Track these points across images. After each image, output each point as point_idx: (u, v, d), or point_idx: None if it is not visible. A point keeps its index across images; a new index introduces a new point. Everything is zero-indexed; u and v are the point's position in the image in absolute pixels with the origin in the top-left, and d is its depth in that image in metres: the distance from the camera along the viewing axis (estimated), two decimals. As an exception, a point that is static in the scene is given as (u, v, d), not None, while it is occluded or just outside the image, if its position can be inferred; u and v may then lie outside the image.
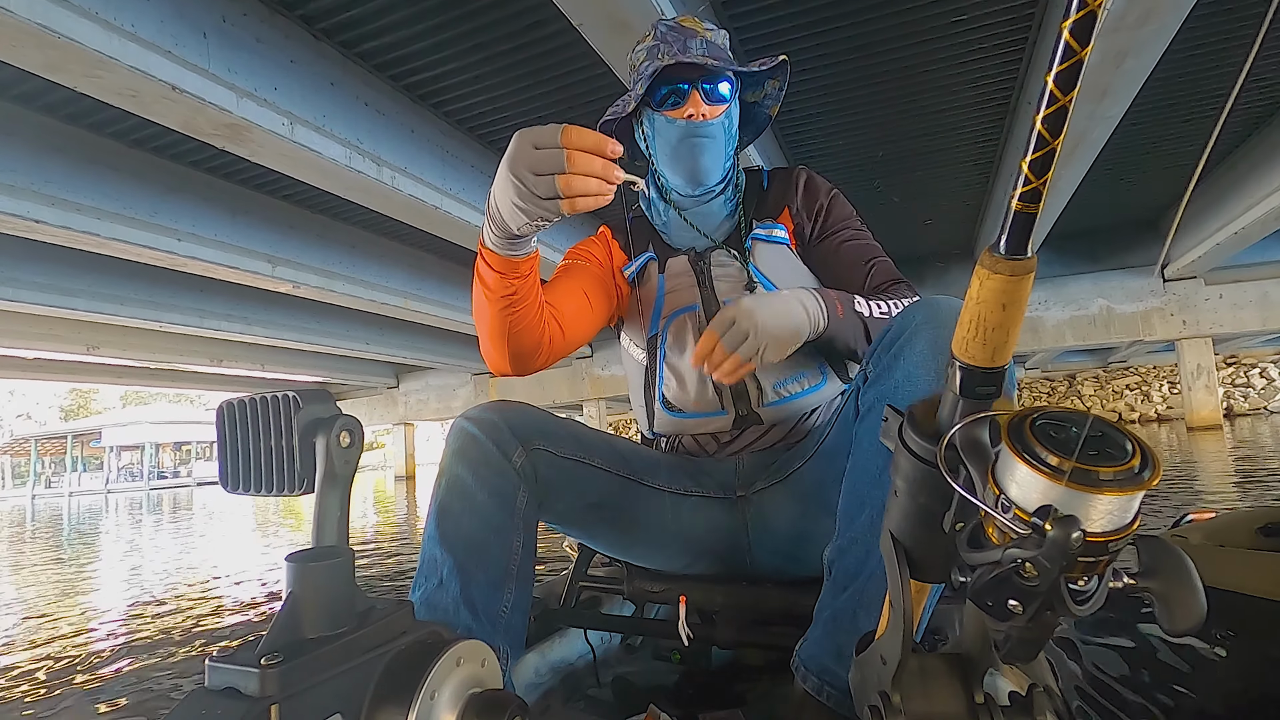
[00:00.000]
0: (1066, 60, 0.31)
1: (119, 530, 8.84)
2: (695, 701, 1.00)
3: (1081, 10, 0.29)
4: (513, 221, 0.71)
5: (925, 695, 0.47)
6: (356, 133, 4.17)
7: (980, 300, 0.38)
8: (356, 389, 17.15)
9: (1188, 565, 0.36)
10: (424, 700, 0.41)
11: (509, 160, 0.67)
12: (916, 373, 0.72)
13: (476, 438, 0.85)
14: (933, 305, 0.75)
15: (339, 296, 7.14)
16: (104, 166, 4.70)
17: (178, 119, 3.35)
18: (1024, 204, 0.35)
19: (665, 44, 0.98)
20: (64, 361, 10.94)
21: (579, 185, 0.65)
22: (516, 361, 0.92)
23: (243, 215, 5.74)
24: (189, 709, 0.36)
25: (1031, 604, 0.35)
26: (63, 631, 2.94)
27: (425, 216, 5.09)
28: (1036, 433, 0.35)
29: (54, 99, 4.06)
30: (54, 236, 4.65)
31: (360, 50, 4.04)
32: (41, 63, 2.79)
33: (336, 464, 0.45)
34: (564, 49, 3.93)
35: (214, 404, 0.50)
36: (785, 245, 1.05)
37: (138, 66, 2.89)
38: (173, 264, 5.54)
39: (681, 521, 0.97)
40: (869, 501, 0.74)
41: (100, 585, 4.32)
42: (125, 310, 7.09)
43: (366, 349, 10.55)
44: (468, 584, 0.79)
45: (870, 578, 0.71)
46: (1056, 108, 0.32)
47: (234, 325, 8.37)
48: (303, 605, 0.41)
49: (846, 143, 5.65)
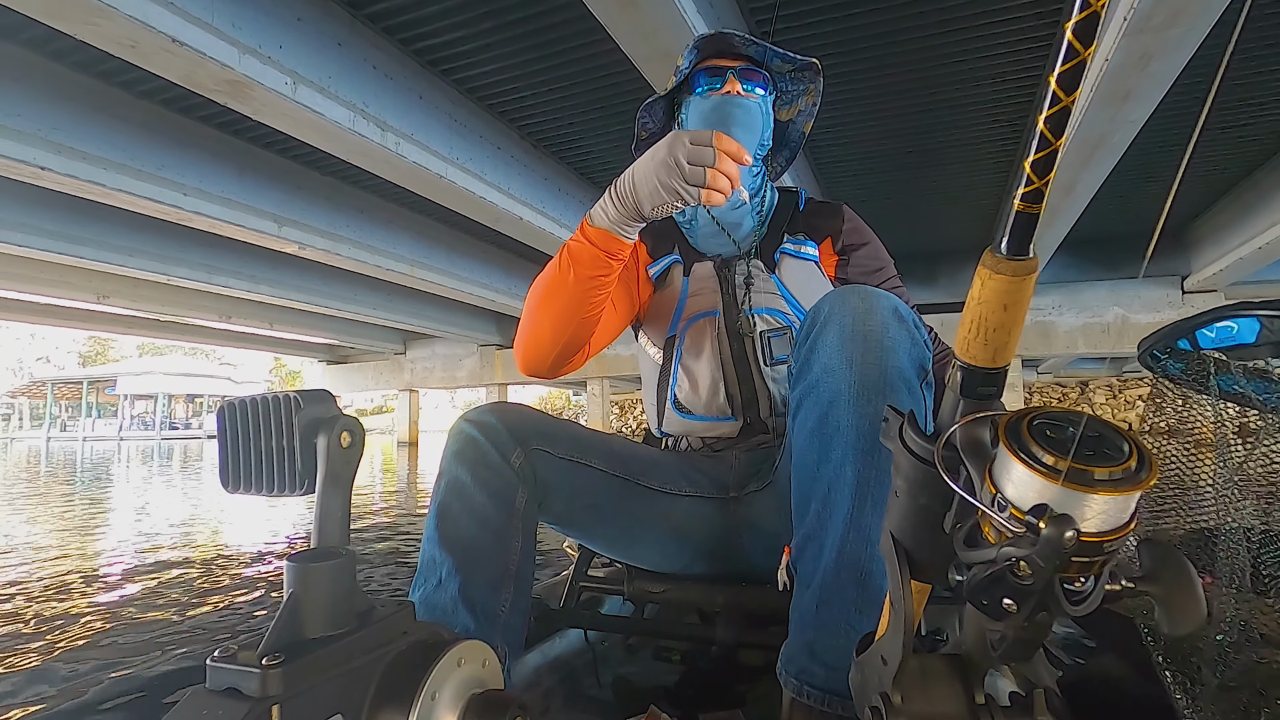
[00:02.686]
0: (1069, 61, 0.30)
1: (129, 480, 9.00)
2: (695, 701, 1.00)
3: (1084, 11, 0.29)
4: (650, 200, 0.80)
5: (926, 696, 0.47)
6: (362, 96, 4.12)
7: (981, 300, 0.38)
8: (364, 353, 17.26)
9: (1188, 568, 0.36)
10: (425, 700, 0.41)
11: (668, 147, 0.78)
12: (832, 363, 0.74)
13: (475, 439, 0.87)
14: (839, 295, 0.77)
15: (345, 260, 7.14)
16: (111, 116, 4.69)
17: (178, 72, 3.32)
18: (1026, 204, 0.35)
19: (707, 42, 1.03)
20: (76, 309, 11.07)
21: (721, 181, 0.77)
22: (561, 358, 0.96)
23: (251, 173, 5.73)
24: (190, 709, 0.36)
25: (1026, 603, 0.36)
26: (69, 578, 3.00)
27: (430, 184, 5.05)
28: (1033, 432, 0.36)
29: (62, 45, 4.04)
30: (60, 184, 4.66)
31: (369, 11, 3.98)
32: (41, 8, 2.76)
33: (337, 464, 0.45)
34: (575, 21, 3.85)
35: (227, 359, 0.49)
36: (814, 263, 1.07)
37: (136, 16, 2.86)
38: (179, 219, 5.55)
39: (678, 522, 0.98)
40: (813, 496, 0.75)
41: (106, 532, 4.40)
42: (133, 262, 7.13)
43: (373, 314, 10.58)
44: (467, 584, 0.80)
45: (826, 572, 0.73)
46: (1059, 108, 0.31)
47: (242, 283, 8.41)
48: (304, 606, 0.41)
49: (863, 134, 5.54)
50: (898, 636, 0.46)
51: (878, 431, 0.68)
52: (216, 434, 0.49)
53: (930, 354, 0.78)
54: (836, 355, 0.74)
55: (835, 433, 0.73)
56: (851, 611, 0.71)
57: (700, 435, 1.06)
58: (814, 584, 0.74)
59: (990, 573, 0.36)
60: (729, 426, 1.03)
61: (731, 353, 1.03)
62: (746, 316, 1.03)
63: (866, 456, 0.71)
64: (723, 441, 1.05)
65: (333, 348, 17.42)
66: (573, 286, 0.89)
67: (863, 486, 0.71)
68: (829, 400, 0.74)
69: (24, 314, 11.63)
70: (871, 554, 0.71)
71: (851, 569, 0.72)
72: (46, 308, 11.16)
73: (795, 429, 0.80)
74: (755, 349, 1.02)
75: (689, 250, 1.12)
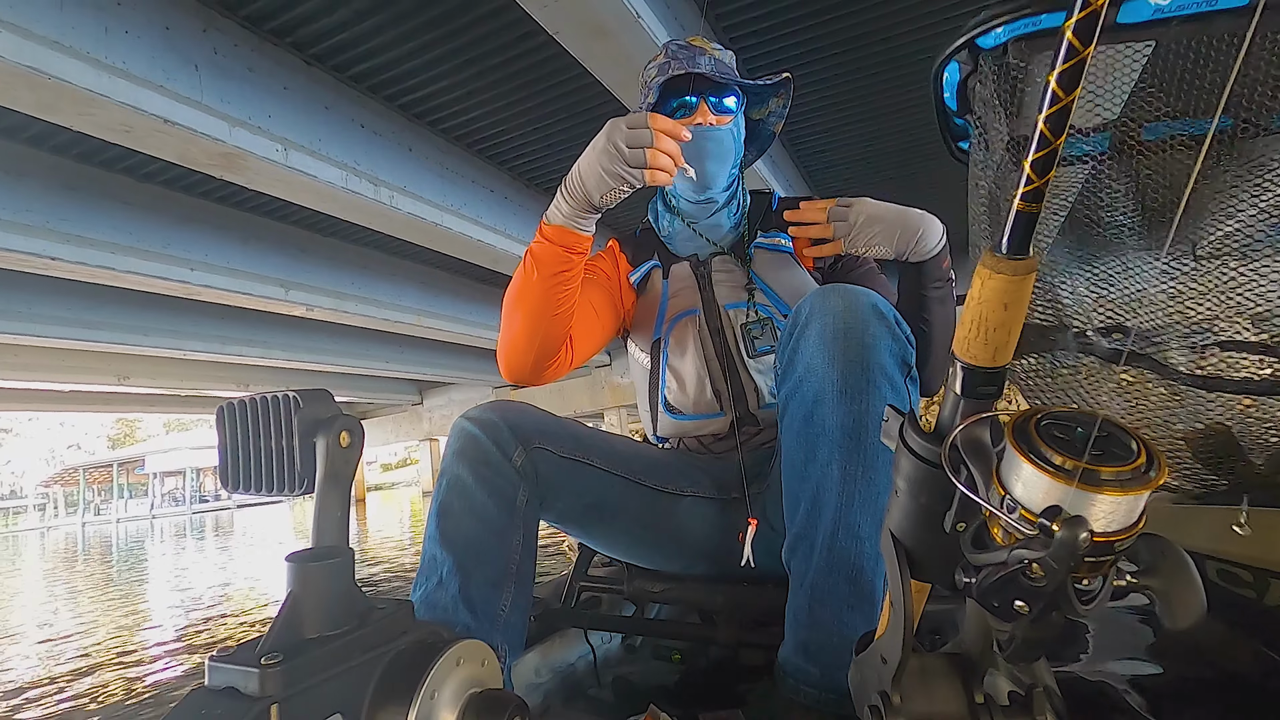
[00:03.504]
0: (1069, 60, 0.30)
1: (161, 555, 9.06)
2: (695, 701, 0.99)
3: (1085, 10, 0.29)
4: (598, 188, 0.81)
5: (926, 695, 0.47)
6: (353, 154, 4.21)
7: (982, 300, 0.38)
8: (382, 407, 17.39)
9: (1188, 563, 0.36)
10: (424, 700, 0.41)
11: (607, 133, 0.79)
12: (815, 362, 0.74)
13: (477, 437, 0.86)
14: (820, 294, 0.78)
15: (353, 316, 7.23)
16: (116, 201, 4.82)
17: (173, 151, 3.41)
18: (1026, 204, 0.35)
19: (675, 60, 1.02)
20: (99, 393, 11.29)
21: (662, 160, 0.77)
22: (540, 360, 0.95)
23: (254, 242, 5.84)
24: (189, 708, 0.36)
25: (1038, 605, 0.36)
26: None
27: (427, 233, 5.12)
28: (1042, 433, 0.35)
29: (63, 140, 4.18)
30: (71, 272, 4.78)
31: (353, 73, 4.08)
32: (34, 103, 2.86)
33: (337, 464, 0.45)
34: (553, 59, 3.92)
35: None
36: (789, 255, 1.08)
37: (128, 102, 2.95)
38: (189, 293, 5.67)
39: (679, 522, 0.98)
40: (802, 496, 0.75)
41: (147, 602, 4.40)
42: (149, 340, 7.28)
43: (386, 367, 10.68)
44: (467, 583, 0.80)
45: (817, 571, 0.73)
46: (1059, 107, 0.31)
47: (255, 350, 8.53)
48: (303, 605, 0.41)
49: (850, 136, 5.55)
50: (897, 635, 0.46)
51: (863, 428, 0.72)
52: (216, 434, 0.49)
53: (913, 349, 0.78)
54: (819, 354, 0.74)
55: (821, 431, 0.73)
56: (844, 609, 0.71)
57: (694, 435, 1.06)
58: (806, 583, 0.74)
59: (1001, 575, 0.36)
60: (719, 423, 1.03)
61: (715, 348, 1.03)
62: (725, 311, 1.04)
63: (853, 454, 0.72)
64: (718, 441, 1.05)
65: (351, 405, 17.58)
66: (538, 286, 0.89)
67: (850, 483, 0.72)
68: (813, 399, 0.74)
69: (50, 403, 11.89)
70: (861, 550, 0.71)
71: (842, 566, 0.71)
72: (71, 394, 11.40)
73: (783, 429, 0.80)
74: (737, 342, 1.02)
75: (667, 255, 1.14)
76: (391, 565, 4.87)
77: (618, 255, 1.16)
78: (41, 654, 3.15)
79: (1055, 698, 0.44)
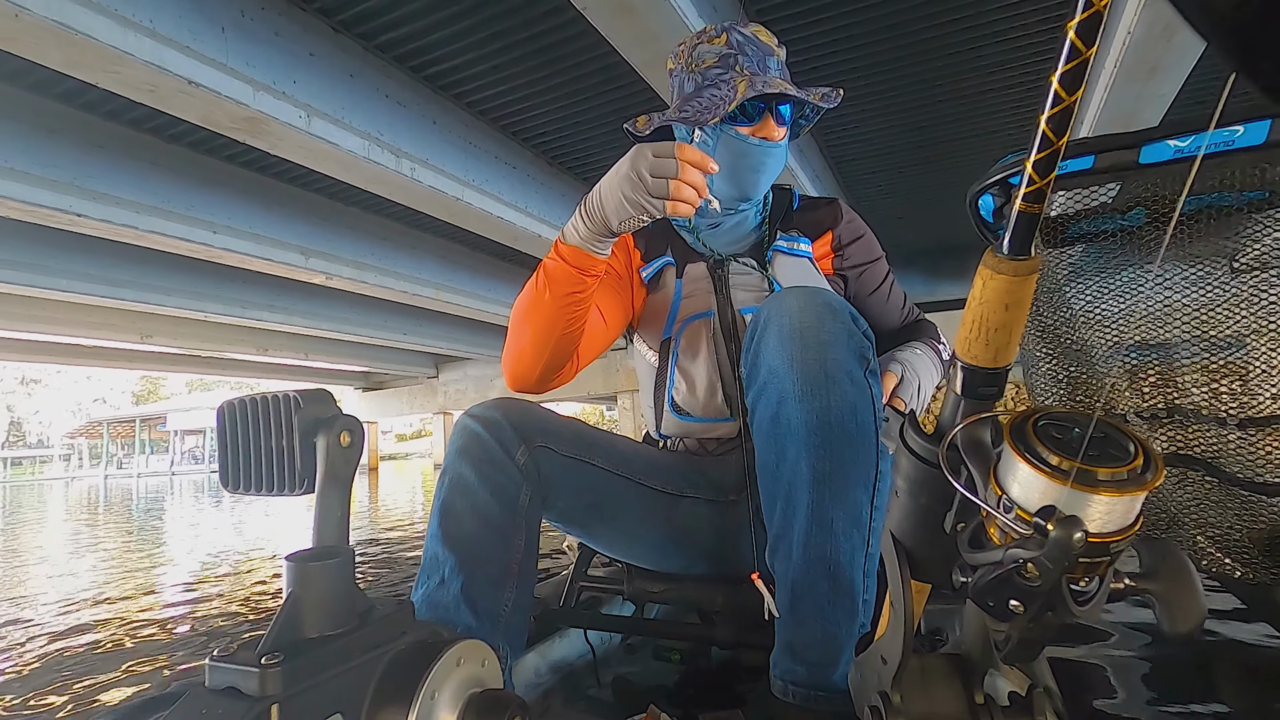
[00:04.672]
0: (1072, 60, 0.30)
1: (180, 511, 9.26)
2: (695, 701, 1.01)
3: (1087, 10, 0.29)
4: (617, 215, 0.79)
5: (926, 695, 0.47)
6: (376, 124, 4.19)
7: (983, 300, 0.38)
8: (398, 378, 17.57)
9: (1188, 567, 0.36)
10: (424, 700, 0.42)
11: (630, 162, 0.76)
12: (775, 364, 0.76)
13: (480, 435, 0.86)
14: (776, 298, 0.80)
15: (372, 287, 7.27)
16: (143, 162, 4.86)
17: (197, 113, 3.42)
18: (1028, 204, 0.35)
19: (744, 56, 0.96)
20: (122, 350, 11.51)
21: (686, 192, 0.75)
22: (546, 374, 0.95)
23: (277, 208, 5.88)
24: (189, 708, 0.36)
25: (1033, 604, 0.36)
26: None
27: (447, 207, 5.11)
28: (1039, 433, 0.35)
29: (92, 97, 4.21)
30: (95, 229, 4.84)
31: (380, 42, 4.05)
32: (62, 59, 2.87)
33: (337, 464, 0.45)
34: (580, 36, 3.87)
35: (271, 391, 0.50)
36: (808, 259, 1.06)
37: (153, 61, 2.95)
38: (211, 256, 5.72)
39: (679, 523, 0.98)
40: (777, 496, 0.77)
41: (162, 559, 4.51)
42: (171, 301, 7.38)
43: (404, 339, 10.76)
44: (469, 583, 0.80)
45: (796, 569, 0.74)
46: (1061, 108, 0.31)
47: (275, 316, 8.63)
48: (303, 605, 0.41)
49: (879, 128, 5.43)
50: (898, 636, 0.46)
51: (827, 425, 0.73)
52: (216, 433, 0.49)
53: (872, 344, 0.79)
54: (778, 356, 0.75)
55: (788, 431, 0.75)
56: (825, 605, 0.72)
57: (698, 436, 1.05)
58: (787, 582, 0.75)
59: (997, 574, 0.36)
60: (728, 427, 1.02)
61: (728, 353, 1.01)
62: (741, 316, 1.02)
63: (820, 450, 0.73)
64: (721, 444, 1.04)
65: (367, 375, 17.77)
66: (549, 305, 0.88)
67: (820, 480, 0.73)
68: (777, 400, 0.76)
69: (75, 357, 12.15)
70: (837, 545, 0.72)
71: (819, 563, 0.72)
72: (94, 350, 11.63)
73: (754, 433, 0.81)
74: None
75: (682, 251, 1.10)
76: (400, 541, 4.93)
77: (630, 247, 1.14)
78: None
79: (1055, 698, 0.44)
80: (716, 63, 0.96)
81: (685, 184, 0.75)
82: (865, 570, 0.74)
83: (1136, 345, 0.74)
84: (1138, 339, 0.73)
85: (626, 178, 0.77)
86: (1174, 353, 0.72)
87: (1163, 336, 0.71)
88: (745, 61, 0.95)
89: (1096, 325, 0.76)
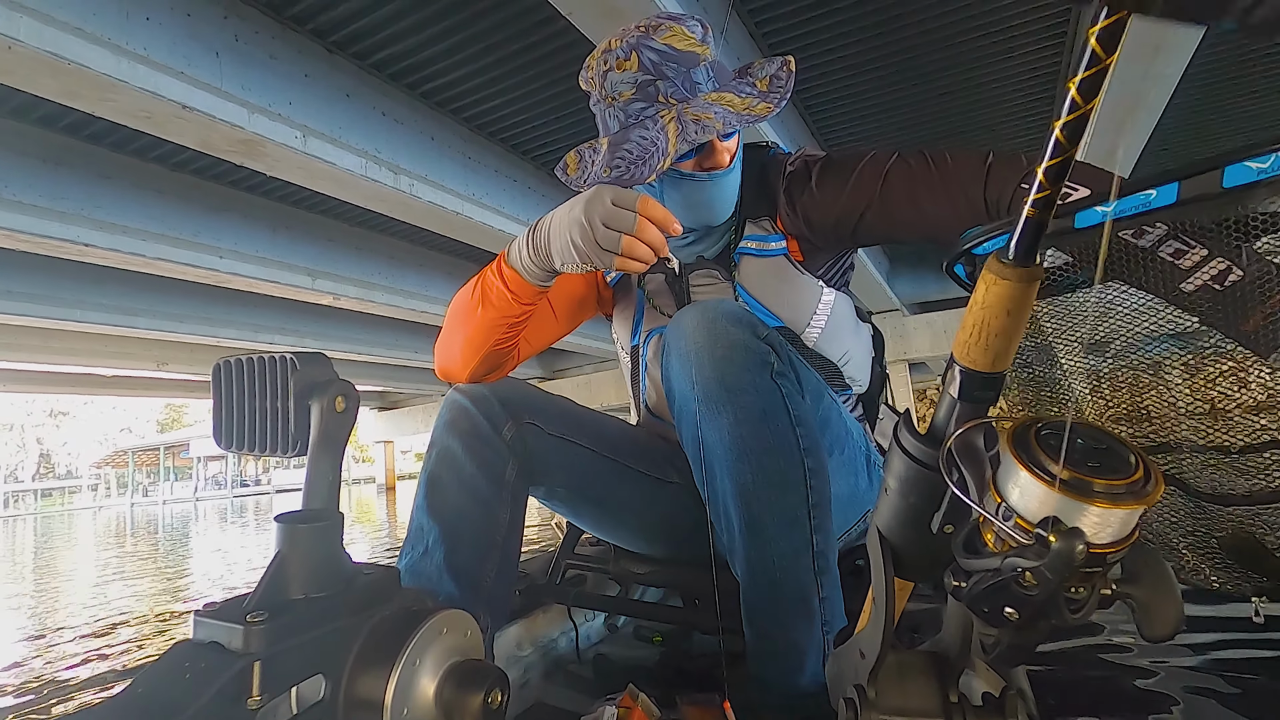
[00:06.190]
0: (1091, 68, 0.30)
1: (205, 535, 9.33)
2: (674, 684, 1.01)
3: (1110, 17, 0.28)
4: (560, 257, 0.75)
5: (901, 691, 0.48)
6: (374, 142, 4.21)
7: (985, 305, 0.38)
8: (412, 397, 17.66)
9: (1169, 574, 0.36)
10: (406, 666, 0.42)
11: (585, 204, 0.71)
12: (680, 386, 0.75)
13: (467, 410, 0.87)
14: (675, 320, 0.78)
15: (380, 306, 7.30)
16: (148, 190, 4.93)
17: (193, 137, 3.45)
18: (1036, 210, 0.34)
19: (664, 80, 0.81)
20: (139, 378, 11.67)
21: (639, 250, 0.71)
22: (478, 372, 0.94)
23: (283, 231, 5.93)
24: (173, 660, 0.36)
25: (1028, 612, 0.36)
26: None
27: (449, 223, 5.12)
28: (1041, 442, 0.36)
29: (97, 129, 4.28)
30: (105, 258, 4.90)
31: (374, 60, 4.08)
32: (57, 89, 2.90)
33: (330, 428, 0.45)
34: (573, 45, 3.86)
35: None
36: (782, 256, 0.96)
37: (147, 88, 2.98)
38: (218, 280, 5.77)
39: (662, 508, 0.98)
40: (718, 514, 0.76)
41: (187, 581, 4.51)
42: (185, 327, 7.47)
43: (415, 357, 10.80)
44: (452, 552, 0.80)
45: (744, 580, 0.74)
46: (1077, 115, 0.31)
47: (288, 339, 8.69)
48: (290, 565, 0.41)
49: (880, 125, 5.37)
50: (877, 631, 0.46)
51: (737, 438, 0.71)
52: (212, 392, 0.49)
53: (780, 347, 0.76)
54: (682, 379, 0.74)
55: (707, 451, 0.74)
56: (778, 615, 0.71)
57: (672, 436, 1.02)
58: (742, 593, 0.74)
59: (994, 582, 0.36)
60: None
61: None
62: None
63: (739, 464, 0.71)
64: None
65: (383, 394, 17.88)
66: (483, 320, 0.87)
67: (744, 493, 0.71)
68: (691, 421, 0.74)
69: (94, 387, 12.35)
70: (776, 553, 0.71)
71: (762, 576, 0.71)
72: (113, 379, 11.81)
73: (688, 455, 0.79)
74: None
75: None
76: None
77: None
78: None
79: (1029, 701, 0.45)
80: (635, 94, 0.83)
81: (641, 242, 0.70)
82: (818, 568, 0.72)
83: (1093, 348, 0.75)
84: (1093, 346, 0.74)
85: (577, 222, 0.72)
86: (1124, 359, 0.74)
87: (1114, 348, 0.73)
88: (667, 87, 0.81)
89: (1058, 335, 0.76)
